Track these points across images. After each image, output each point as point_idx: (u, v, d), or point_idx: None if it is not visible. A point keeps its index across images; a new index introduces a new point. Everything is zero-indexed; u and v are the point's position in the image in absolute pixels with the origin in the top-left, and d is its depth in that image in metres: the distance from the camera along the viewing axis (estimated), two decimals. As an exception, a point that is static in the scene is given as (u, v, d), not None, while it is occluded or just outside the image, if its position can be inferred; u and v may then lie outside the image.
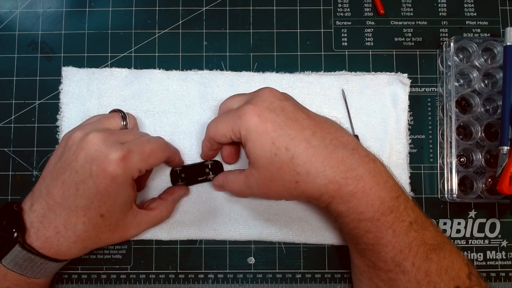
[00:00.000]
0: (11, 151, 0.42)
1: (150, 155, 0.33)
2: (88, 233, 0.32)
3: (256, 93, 0.33)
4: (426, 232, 0.32)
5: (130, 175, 0.32)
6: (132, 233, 0.35)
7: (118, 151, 0.31)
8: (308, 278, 0.41)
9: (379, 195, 0.31)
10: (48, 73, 0.43)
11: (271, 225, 0.41)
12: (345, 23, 0.44)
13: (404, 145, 0.41)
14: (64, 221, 0.32)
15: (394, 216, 0.31)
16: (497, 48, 0.41)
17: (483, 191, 0.40)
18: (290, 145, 0.30)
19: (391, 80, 0.42)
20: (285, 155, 0.30)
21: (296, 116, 0.32)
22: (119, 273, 0.40)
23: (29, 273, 0.32)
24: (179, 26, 0.43)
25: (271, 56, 0.43)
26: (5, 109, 0.42)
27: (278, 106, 0.32)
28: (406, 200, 0.32)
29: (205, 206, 0.40)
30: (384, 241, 0.31)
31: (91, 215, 0.32)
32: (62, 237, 0.32)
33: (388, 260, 0.31)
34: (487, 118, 0.40)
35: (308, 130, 0.31)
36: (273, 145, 0.30)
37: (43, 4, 0.44)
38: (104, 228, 0.33)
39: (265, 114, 0.31)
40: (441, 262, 0.31)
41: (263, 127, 0.31)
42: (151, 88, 0.42)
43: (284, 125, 0.31)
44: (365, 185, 0.30)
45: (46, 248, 0.32)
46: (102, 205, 0.32)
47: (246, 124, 0.31)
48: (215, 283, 0.40)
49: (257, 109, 0.31)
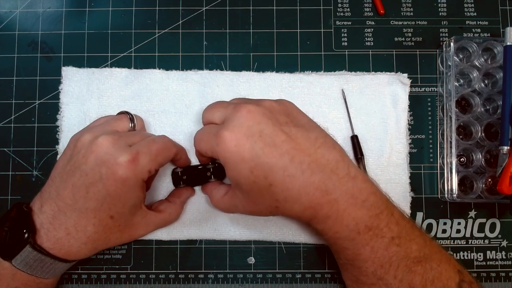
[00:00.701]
0: (11, 151, 0.42)
1: (158, 155, 0.33)
2: (98, 234, 0.33)
3: (234, 113, 0.31)
4: (412, 244, 0.31)
5: (140, 177, 0.32)
6: (141, 233, 0.36)
7: (127, 154, 0.31)
8: (308, 278, 0.41)
9: (355, 215, 0.31)
10: (48, 73, 0.43)
11: (271, 225, 0.41)
12: (345, 23, 0.44)
13: (404, 145, 0.41)
14: (74, 223, 0.32)
15: (373, 234, 0.31)
16: (497, 48, 0.41)
17: (483, 191, 0.40)
18: (268, 174, 0.30)
19: (391, 80, 0.42)
20: (263, 183, 0.30)
21: (275, 140, 0.30)
22: (119, 273, 0.40)
23: (39, 273, 0.32)
24: (179, 26, 0.43)
25: (271, 56, 0.43)
26: (5, 109, 0.42)
27: (256, 131, 0.30)
28: (390, 214, 0.32)
29: (205, 206, 0.40)
30: (363, 256, 0.31)
31: (101, 217, 0.32)
32: (72, 238, 0.32)
33: (369, 274, 0.31)
34: (487, 118, 0.40)
35: (286, 156, 0.30)
36: (251, 174, 0.30)
37: (43, 4, 0.44)
38: (114, 229, 0.33)
39: (242, 142, 0.30)
40: (427, 274, 0.31)
41: (240, 157, 0.30)
42: (151, 88, 0.42)
43: (261, 153, 0.30)
44: (339, 207, 0.31)
45: (56, 249, 0.32)
46: (112, 207, 0.32)
47: (223, 152, 0.31)
48: (215, 283, 0.40)
49: (233, 136, 0.30)
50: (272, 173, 0.30)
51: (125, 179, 0.31)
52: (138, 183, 0.32)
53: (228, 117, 0.32)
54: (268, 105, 0.33)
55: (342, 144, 0.41)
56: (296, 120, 0.33)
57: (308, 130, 0.32)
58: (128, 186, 0.31)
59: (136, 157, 0.31)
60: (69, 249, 0.32)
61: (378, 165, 0.41)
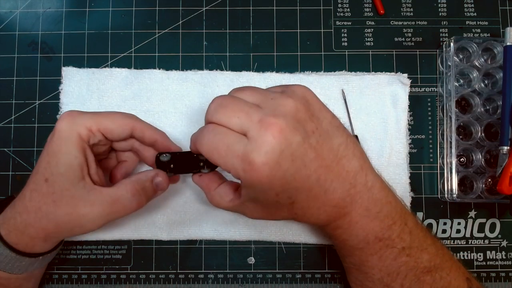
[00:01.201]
0: (11, 151, 0.42)
1: (104, 117, 0.32)
2: (31, 202, 0.30)
3: (263, 131, 0.27)
4: (423, 254, 0.31)
5: (75, 130, 0.30)
6: (83, 212, 0.30)
7: (67, 111, 0.31)
8: (308, 278, 0.41)
9: (366, 227, 0.31)
10: (48, 73, 0.43)
11: (271, 225, 0.41)
12: (345, 23, 0.44)
13: (404, 145, 0.41)
14: (20, 195, 0.31)
15: (383, 244, 0.31)
16: (497, 48, 0.41)
17: (483, 191, 0.40)
18: (292, 194, 0.29)
19: (391, 80, 0.42)
20: (286, 202, 0.30)
21: (304, 161, 0.28)
22: (119, 273, 0.40)
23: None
24: (179, 26, 0.43)
25: (271, 56, 0.43)
26: (5, 109, 0.42)
27: (288, 155, 0.27)
28: (404, 224, 0.31)
29: (205, 206, 0.40)
30: (370, 263, 0.31)
31: (36, 180, 0.30)
32: (13, 209, 0.31)
33: (375, 280, 0.31)
34: (487, 118, 0.40)
35: (313, 176, 0.29)
36: (276, 196, 0.29)
37: (43, 4, 0.44)
38: (47, 197, 0.30)
39: (274, 172, 0.27)
40: (436, 284, 0.31)
41: (269, 186, 0.28)
42: (151, 88, 0.42)
43: (292, 179, 0.28)
44: (351, 219, 0.31)
45: (7, 234, 0.31)
46: (47, 166, 0.30)
47: (251, 180, 0.27)
48: (215, 283, 0.40)
49: (266, 165, 0.27)
50: (297, 193, 0.29)
51: (59, 129, 0.30)
52: (73, 137, 0.30)
53: (256, 136, 0.27)
54: (294, 112, 0.28)
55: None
56: (319, 121, 0.30)
57: (331, 136, 0.30)
58: (62, 138, 0.30)
59: (76, 112, 0.31)
60: (13, 226, 0.31)
61: (378, 165, 0.41)
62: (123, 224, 0.40)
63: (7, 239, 0.31)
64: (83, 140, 0.31)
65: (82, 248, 0.41)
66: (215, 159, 0.29)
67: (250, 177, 0.27)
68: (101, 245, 0.41)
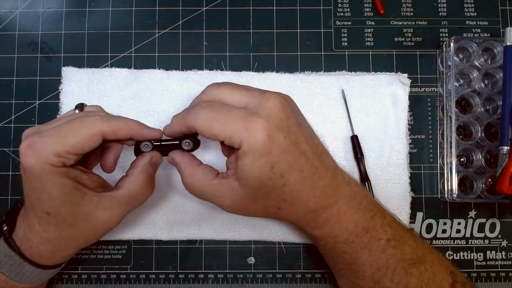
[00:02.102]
0: (11, 151, 0.42)
1: (68, 134, 0.29)
2: (48, 234, 0.30)
3: (265, 102, 0.29)
4: (405, 246, 0.32)
5: (45, 161, 0.28)
6: (105, 219, 0.31)
7: (25, 141, 0.28)
8: (308, 278, 0.41)
9: (353, 218, 0.31)
10: (48, 73, 0.43)
11: (271, 225, 0.41)
12: (345, 23, 0.44)
13: (404, 145, 0.41)
14: (28, 222, 0.31)
15: (370, 236, 0.31)
16: (497, 48, 0.41)
17: (483, 191, 0.40)
18: (285, 172, 0.29)
19: (391, 80, 0.42)
20: (278, 182, 0.29)
21: (297, 138, 0.29)
22: (119, 273, 0.40)
23: (8, 272, 0.31)
24: (179, 26, 0.43)
25: (271, 56, 0.43)
26: (5, 109, 0.42)
27: (286, 126, 0.29)
28: (383, 217, 0.32)
29: (205, 206, 0.40)
30: (361, 260, 0.31)
31: (39, 214, 0.30)
32: (28, 238, 0.31)
33: (367, 278, 0.31)
34: (487, 118, 0.40)
35: (303, 157, 0.30)
36: (271, 169, 0.28)
37: (43, 4, 0.44)
38: (60, 224, 0.30)
39: (275, 134, 0.28)
40: (422, 276, 0.31)
41: (268, 149, 0.28)
42: (151, 88, 0.42)
43: (287, 150, 0.29)
44: (339, 210, 0.31)
45: (23, 249, 0.31)
46: (41, 202, 0.29)
47: (253, 140, 0.28)
48: (215, 283, 0.40)
49: (268, 126, 0.28)
50: (289, 172, 0.29)
51: (29, 167, 0.28)
52: (47, 169, 0.28)
53: (258, 104, 0.29)
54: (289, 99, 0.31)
55: (342, 144, 0.41)
56: (303, 118, 0.32)
57: (312, 135, 0.32)
58: (37, 175, 0.28)
59: (34, 141, 0.28)
60: (31, 250, 0.31)
61: (378, 165, 0.41)
62: (123, 224, 0.40)
63: (33, 259, 0.32)
64: (58, 166, 0.28)
65: (82, 248, 0.41)
66: (213, 129, 0.29)
67: (252, 136, 0.27)
68: (101, 245, 0.41)
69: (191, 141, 0.33)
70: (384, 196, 0.40)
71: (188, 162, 0.32)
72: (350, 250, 0.31)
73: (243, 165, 0.29)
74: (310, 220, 0.32)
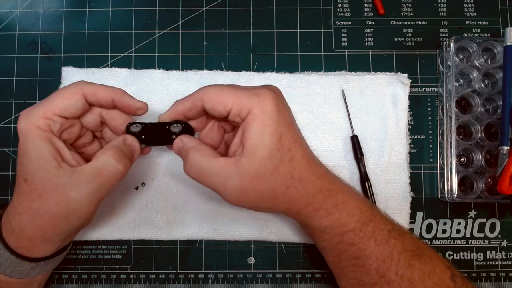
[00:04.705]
0: (11, 151, 0.42)
1: (53, 98, 0.31)
2: (21, 205, 0.30)
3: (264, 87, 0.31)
4: (405, 238, 0.32)
5: (33, 123, 0.30)
6: (71, 196, 0.29)
7: (24, 110, 0.31)
8: (308, 278, 0.41)
9: (357, 205, 0.32)
10: (48, 73, 0.43)
11: (271, 225, 0.41)
12: (345, 23, 0.44)
13: (404, 145, 0.41)
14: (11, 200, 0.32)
15: (374, 226, 0.32)
16: (497, 48, 0.41)
17: (483, 191, 0.40)
18: (292, 147, 0.30)
19: (391, 80, 0.42)
20: (286, 155, 0.30)
21: (294, 124, 0.32)
22: (119, 273, 0.40)
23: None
24: (179, 26, 0.43)
25: (271, 56, 0.43)
26: (5, 109, 0.42)
27: (287, 107, 0.32)
28: (378, 210, 0.34)
29: (205, 206, 0.40)
30: (368, 252, 0.31)
31: (18, 183, 0.31)
32: (6, 215, 0.32)
33: (372, 272, 0.32)
34: (487, 118, 0.40)
35: (303, 139, 0.32)
36: (279, 140, 0.29)
37: (43, 4, 0.44)
38: (31, 195, 0.30)
39: (282, 106, 0.30)
40: (423, 268, 0.31)
41: (277, 117, 0.29)
42: (151, 88, 0.42)
43: (292, 124, 0.31)
44: (344, 196, 0.32)
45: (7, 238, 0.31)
46: (23, 168, 0.30)
47: (264, 105, 0.29)
48: (215, 283, 0.40)
49: (275, 96, 0.30)
50: (296, 147, 0.30)
51: (20, 130, 0.30)
52: (33, 132, 0.30)
53: (260, 87, 0.31)
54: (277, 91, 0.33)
55: (342, 144, 0.41)
56: None
57: None
58: (25, 138, 0.30)
59: (27, 109, 0.31)
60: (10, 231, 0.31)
61: (378, 165, 0.41)
62: (123, 224, 0.40)
63: (8, 243, 0.31)
64: (44, 130, 0.30)
65: (82, 248, 0.41)
66: (223, 96, 0.30)
67: (263, 100, 0.29)
68: (101, 245, 0.41)
69: (180, 124, 0.33)
70: (384, 196, 0.40)
71: (197, 141, 0.32)
72: (358, 240, 0.32)
73: (250, 132, 0.29)
74: (319, 204, 0.31)
